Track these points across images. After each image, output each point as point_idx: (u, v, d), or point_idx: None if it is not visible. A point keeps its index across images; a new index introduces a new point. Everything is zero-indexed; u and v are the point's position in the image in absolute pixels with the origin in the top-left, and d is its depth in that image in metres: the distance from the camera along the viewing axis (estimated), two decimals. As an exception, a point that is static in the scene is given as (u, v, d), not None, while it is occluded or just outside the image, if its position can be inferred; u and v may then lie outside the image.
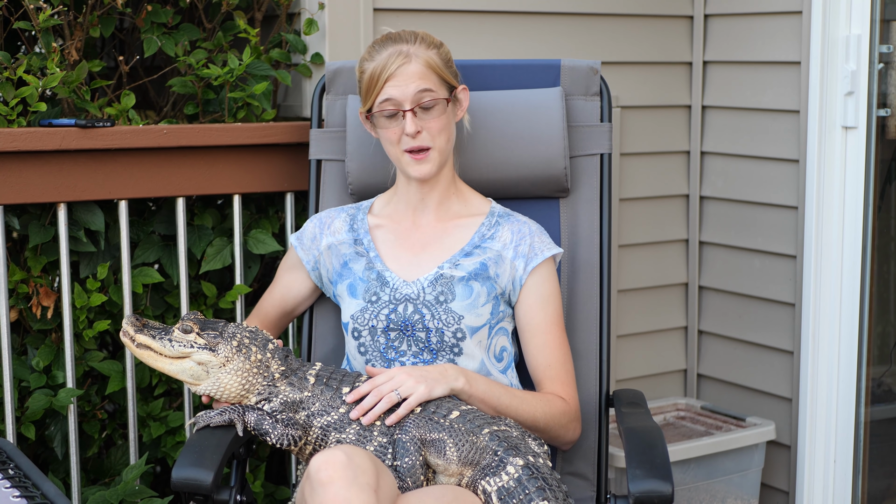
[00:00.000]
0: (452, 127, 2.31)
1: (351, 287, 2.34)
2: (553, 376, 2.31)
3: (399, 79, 2.23)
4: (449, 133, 2.29)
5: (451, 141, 2.31)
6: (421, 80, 2.23)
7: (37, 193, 2.51)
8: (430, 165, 2.27)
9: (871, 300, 3.17)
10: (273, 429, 2.13)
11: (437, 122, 2.25)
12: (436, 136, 2.26)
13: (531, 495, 2.04)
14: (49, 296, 2.60)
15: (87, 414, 2.71)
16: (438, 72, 2.25)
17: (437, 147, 2.27)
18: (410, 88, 2.23)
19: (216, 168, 2.69)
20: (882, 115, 3.11)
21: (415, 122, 2.24)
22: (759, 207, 3.31)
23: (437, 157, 2.27)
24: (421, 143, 2.25)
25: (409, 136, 2.24)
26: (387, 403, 2.13)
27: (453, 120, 2.31)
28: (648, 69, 3.40)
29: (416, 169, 2.27)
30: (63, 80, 2.55)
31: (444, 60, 2.28)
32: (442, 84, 2.26)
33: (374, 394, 2.15)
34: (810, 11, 3.06)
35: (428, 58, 2.24)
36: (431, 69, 2.24)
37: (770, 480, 3.35)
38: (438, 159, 2.28)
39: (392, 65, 2.23)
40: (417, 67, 2.23)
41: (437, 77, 2.25)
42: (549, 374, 2.31)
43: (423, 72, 2.23)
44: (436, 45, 2.28)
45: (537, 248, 2.32)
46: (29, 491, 1.77)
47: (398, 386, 2.14)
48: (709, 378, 3.55)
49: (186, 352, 2.16)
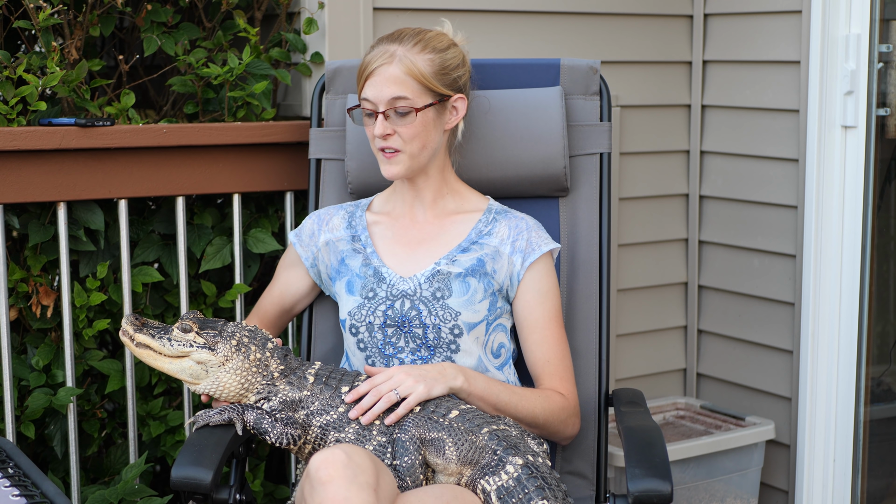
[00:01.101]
0: (431, 133, 2.27)
1: (348, 284, 2.34)
2: (551, 372, 2.31)
3: (376, 79, 2.22)
4: (424, 140, 2.26)
5: (428, 147, 2.27)
6: (396, 86, 2.21)
7: (37, 192, 2.51)
8: (399, 167, 2.27)
9: (870, 299, 3.17)
10: (272, 428, 2.13)
11: (410, 128, 2.23)
12: (407, 142, 2.24)
13: (530, 494, 2.04)
14: (49, 295, 2.60)
15: (87, 413, 2.71)
16: (420, 79, 2.22)
17: (408, 152, 2.25)
18: (385, 93, 2.21)
19: (216, 167, 2.69)
20: (881, 114, 3.11)
21: (384, 125, 2.22)
22: (759, 207, 3.31)
23: (406, 161, 2.26)
24: (390, 144, 2.25)
25: (379, 137, 2.24)
26: (385, 403, 2.13)
27: (436, 127, 2.27)
28: (648, 68, 3.40)
29: (385, 168, 2.27)
30: (63, 79, 2.55)
31: (439, 67, 2.24)
32: (423, 91, 2.23)
33: (373, 393, 2.15)
34: (810, 11, 3.07)
35: (412, 63, 2.21)
36: (411, 76, 2.21)
37: (769, 480, 3.35)
38: (409, 163, 2.27)
39: (374, 63, 2.23)
40: (396, 72, 2.21)
41: (418, 85, 2.22)
42: (547, 369, 2.31)
43: (400, 77, 2.21)
44: (437, 50, 2.25)
45: (535, 244, 2.32)
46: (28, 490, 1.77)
47: (397, 385, 2.14)
48: (708, 377, 3.55)
49: (186, 351, 2.16)
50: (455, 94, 2.29)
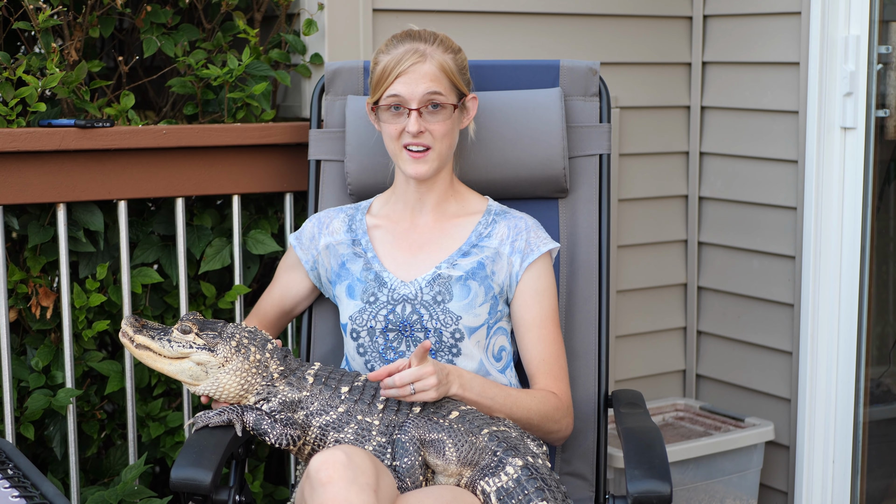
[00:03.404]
0: (456, 133, 2.31)
1: (349, 288, 2.34)
2: (546, 371, 2.31)
3: (410, 76, 2.23)
4: (452, 139, 2.29)
5: (453, 147, 2.31)
6: (432, 83, 2.23)
7: (36, 193, 2.51)
8: (428, 167, 2.27)
9: (869, 300, 3.17)
10: (272, 429, 2.13)
11: (442, 125, 2.25)
12: (438, 140, 2.26)
13: (530, 496, 2.04)
14: (48, 296, 2.60)
15: (87, 414, 2.71)
16: (451, 77, 2.25)
17: (438, 150, 2.27)
18: (420, 88, 2.23)
19: (215, 168, 2.69)
20: (881, 115, 3.12)
21: (419, 122, 2.24)
22: (758, 208, 3.32)
23: (435, 160, 2.27)
24: (422, 141, 2.25)
25: (411, 134, 2.24)
26: (398, 394, 2.10)
27: (458, 126, 2.31)
28: (648, 70, 3.41)
29: (413, 167, 2.27)
30: (62, 80, 2.55)
31: (459, 67, 2.28)
32: (452, 89, 2.26)
33: (399, 380, 2.09)
34: (809, 12, 3.07)
35: (443, 61, 2.25)
36: (444, 73, 2.24)
37: (769, 481, 3.35)
38: (437, 162, 2.28)
39: (406, 61, 2.23)
40: (430, 69, 2.24)
41: (449, 82, 2.25)
42: (542, 368, 2.31)
43: (435, 74, 2.24)
44: (453, 50, 2.29)
45: (533, 244, 2.32)
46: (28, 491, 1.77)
47: (421, 380, 2.09)
48: (708, 378, 3.55)
49: (185, 352, 2.16)
50: (470, 94, 2.32)
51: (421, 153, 2.26)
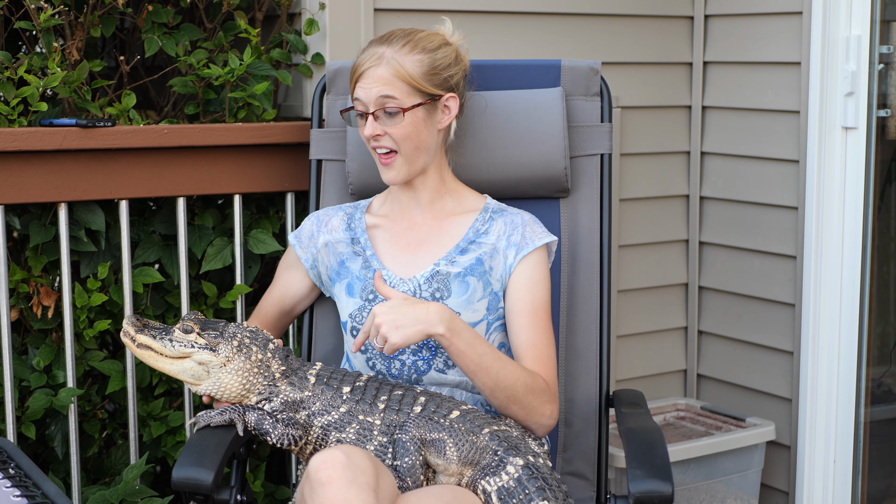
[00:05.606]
0: (423, 134, 2.27)
1: (349, 286, 2.34)
2: (535, 355, 2.26)
3: (365, 80, 2.23)
4: (417, 140, 2.26)
5: (423, 148, 2.28)
6: (384, 87, 2.22)
7: (37, 193, 2.51)
8: (396, 172, 2.27)
9: (870, 300, 3.17)
10: (273, 428, 2.13)
11: (400, 129, 2.24)
12: (400, 142, 2.25)
13: (531, 495, 2.04)
14: (49, 295, 2.60)
15: (88, 413, 2.71)
16: (408, 80, 2.22)
17: (404, 153, 2.26)
18: (373, 92, 2.22)
19: (217, 168, 2.69)
20: (882, 115, 3.12)
21: (373, 126, 2.24)
22: (760, 208, 3.32)
23: (403, 164, 2.27)
24: (383, 144, 2.25)
25: (370, 138, 2.25)
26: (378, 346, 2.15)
27: (428, 127, 2.27)
28: (649, 69, 3.41)
29: (385, 173, 2.28)
30: (64, 79, 2.55)
31: (428, 68, 2.24)
32: (412, 92, 2.23)
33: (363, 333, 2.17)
34: (810, 12, 3.07)
35: (399, 65, 2.22)
36: (399, 77, 2.22)
37: (770, 481, 3.36)
38: (407, 167, 2.27)
39: (363, 65, 2.24)
40: (384, 73, 2.22)
41: (406, 85, 2.22)
42: (530, 352, 2.26)
43: (388, 78, 2.22)
44: (426, 50, 2.25)
45: (529, 238, 2.32)
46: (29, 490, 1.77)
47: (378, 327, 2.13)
48: (709, 378, 3.55)
49: (187, 352, 2.16)
50: (446, 94, 2.29)
51: (387, 155, 2.26)
